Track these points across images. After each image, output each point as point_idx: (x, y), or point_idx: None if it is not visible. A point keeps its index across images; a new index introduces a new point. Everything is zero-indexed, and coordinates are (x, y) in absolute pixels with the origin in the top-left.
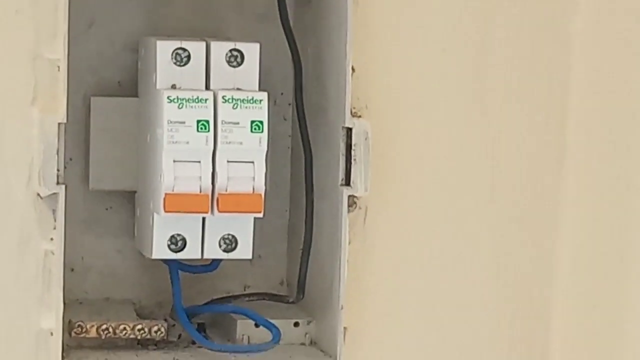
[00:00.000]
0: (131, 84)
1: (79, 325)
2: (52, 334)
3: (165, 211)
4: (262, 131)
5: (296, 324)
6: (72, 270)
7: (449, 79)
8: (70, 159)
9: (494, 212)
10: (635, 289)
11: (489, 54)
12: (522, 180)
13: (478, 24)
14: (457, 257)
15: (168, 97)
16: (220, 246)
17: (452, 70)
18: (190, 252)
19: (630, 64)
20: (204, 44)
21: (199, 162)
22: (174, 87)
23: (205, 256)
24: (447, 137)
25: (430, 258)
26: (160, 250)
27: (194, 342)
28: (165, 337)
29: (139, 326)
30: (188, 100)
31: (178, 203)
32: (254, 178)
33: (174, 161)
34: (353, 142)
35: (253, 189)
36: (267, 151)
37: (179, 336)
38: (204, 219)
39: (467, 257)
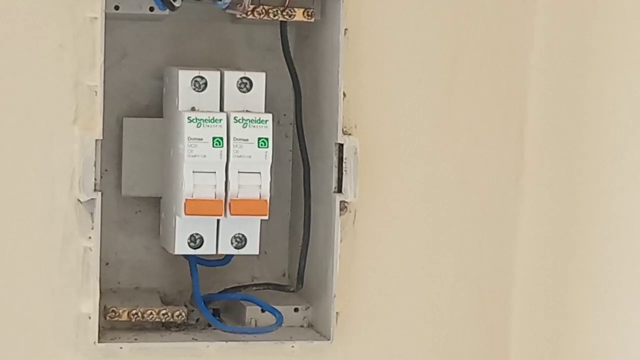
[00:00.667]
0: (157, 106)
1: (112, 310)
2: (90, 317)
3: (186, 214)
4: (268, 146)
5: (296, 310)
6: (107, 264)
7: (424, 104)
8: (106, 170)
9: (460, 215)
10: (587, 289)
11: (456, 84)
12: (484, 191)
13: (447, 60)
14: (431, 253)
15: (188, 118)
16: (232, 244)
17: (426, 96)
18: (207, 249)
19: (581, 86)
20: (218, 72)
21: (214, 172)
22: (193, 109)
23: (219, 252)
24: (422, 152)
25: (409, 254)
26: (181, 247)
27: (209, 325)
28: (185, 321)
29: (164, 311)
30: (205, 120)
31: (196, 207)
32: (260, 186)
33: (193, 172)
34: (344, 156)
35: (260, 195)
36: (272, 163)
37: (197, 320)
38: (218, 220)
39: (439, 253)
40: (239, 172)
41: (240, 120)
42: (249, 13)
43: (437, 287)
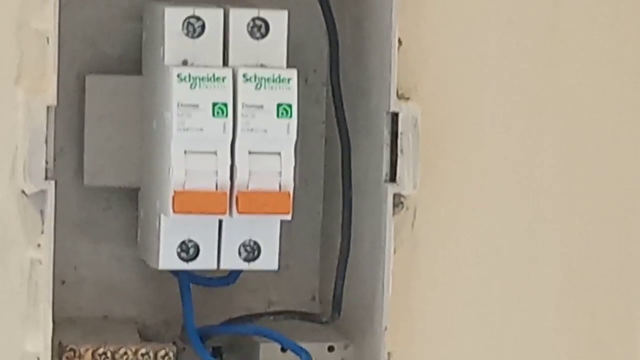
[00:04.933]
0: (134, 59)
1: (71, 349)
2: (38, 359)
3: (175, 212)
4: (291, 116)
5: (330, 348)
6: (63, 282)
7: (516, 57)
8: (62, 150)
9: (569, 215)
10: None
11: (563, 27)
12: (605, 176)
13: None
14: (523, 270)
15: (178, 75)
16: (240, 254)
17: (520, 46)
18: (204, 262)
19: None
20: (221, 11)
21: (215, 153)
22: (185, 63)
23: (222, 266)
24: (512, 125)
25: (490, 271)
26: (168, 259)
27: None
28: None
29: (143, 350)
30: (202, 78)
31: (190, 202)
32: (280, 173)
33: (185, 152)
34: (399, 130)
35: (279, 186)
36: (297, 140)
37: None
38: (220, 221)
39: (536, 270)
40: (250, 152)
41: (252, 79)
42: None
43: (528, 321)
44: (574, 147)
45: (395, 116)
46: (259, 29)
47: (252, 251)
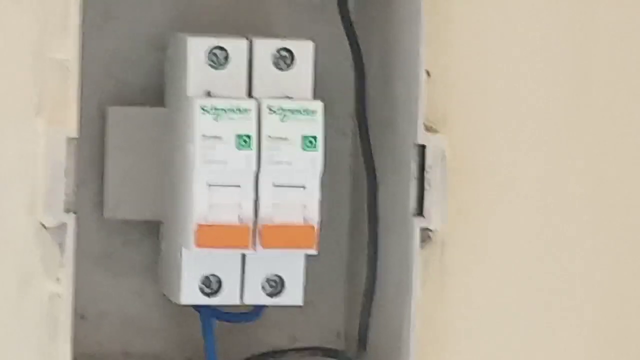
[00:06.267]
0: (156, 90)
1: None
2: None
3: (197, 246)
4: (316, 149)
5: None
6: (83, 317)
7: (546, 87)
8: (82, 182)
9: (598, 247)
10: None
11: (594, 54)
12: (635, 208)
13: (582, 20)
14: (552, 304)
15: (202, 107)
16: (263, 289)
17: (550, 76)
18: (227, 297)
19: None
20: (245, 41)
21: (239, 186)
22: (209, 94)
23: (246, 301)
24: (542, 157)
25: (521, 307)
26: (190, 294)
27: None
28: None
29: None
30: (226, 110)
31: (213, 236)
32: (305, 206)
33: (209, 185)
34: (427, 163)
35: (304, 219)
36: (322, 173)
37: None
38: (244, 256)
39: (565, 303)
40: (274, 185)
41: (277, 111)
42: None
43: (560, 350)
44: (604, 181)
45: (422, 149)
46: (284, 59)
47: (276, 286)
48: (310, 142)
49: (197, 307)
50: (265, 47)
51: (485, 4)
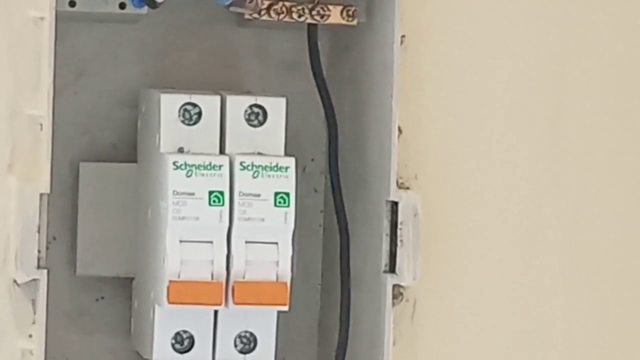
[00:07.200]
0: (129, 146)
1: None
2: None
3: (170, 302)
4: (289, 205)
5: None
6: None
7: (517, 145)
8: (54, 238)
9: (574, 306)
10: None
11: (565, 115)
12: (609, 256)
13: (552, 79)
14: None
15: (174, 163)
16: (236, 346)
17: (521, 133)
18: (199, 354)
19: None
20: (218, 98)
21: (211, 242)
22: (181, 150)
23: (218, 359)
24: (514, 216)
25: None
26: (162, 351)
27: None
28: None
29: None
30: (198, 166)
31: (185, 293)
32: (277, 263)
33: (181, 241)
34: (399, 220)
35: (277, 276)
36: (294, 230)
37: None
38: (216, 312)
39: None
40: (246, 242)
41: (250, 167)
42: (262, 12)
43: None
44: (580, 235)
45: (395, 205)
46: (257, 116)
47: (248, 343)
48: (283, 198)
49: None
50: (238, 104)
51: (457, 60)
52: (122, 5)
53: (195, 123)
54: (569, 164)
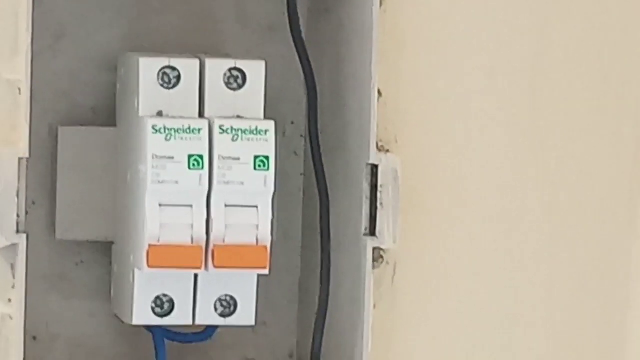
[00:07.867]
0: (108, 110)
1: None
2: None
3: (149, 266)
4: (268, 169)
5: None
6: (35, 338)
7: (498, 107)
8: (33, 203)
9: (553, 269)
10: None
11: (546, 74)
12: (589, 232)
13: (532, 40)
14: (506, 326)
15: (153, 127)
16: (216, 310)
17: (503, 97)
18: (179, 317)
19: None
20: (197, 61)
21: (191, 206)
22: (160, 114)
23: (198, 322)
24: (494, 178)
25: (472, 327)
26: (142, 315)
27: None
28: None
29: None
30: (177, 130)
31: (165, 256)
32: (257, 226)
33: (160, 205)
34: (379, 183)
35: (257, 239)
36: (274, 193)
37: None
38: (196, 276)
39: (519, 327)
40: (226, 205)
41: (229, 130)
42: None
43: None
44: (558, 200)
45: (374, 168)
46: (236, 79)
47: (228, 306)
48: (262, 162)
49: (150, 328)
50: (217, 67)
51: (437, 22)
52: None
53: (174, 87)
54: (552, 123)
